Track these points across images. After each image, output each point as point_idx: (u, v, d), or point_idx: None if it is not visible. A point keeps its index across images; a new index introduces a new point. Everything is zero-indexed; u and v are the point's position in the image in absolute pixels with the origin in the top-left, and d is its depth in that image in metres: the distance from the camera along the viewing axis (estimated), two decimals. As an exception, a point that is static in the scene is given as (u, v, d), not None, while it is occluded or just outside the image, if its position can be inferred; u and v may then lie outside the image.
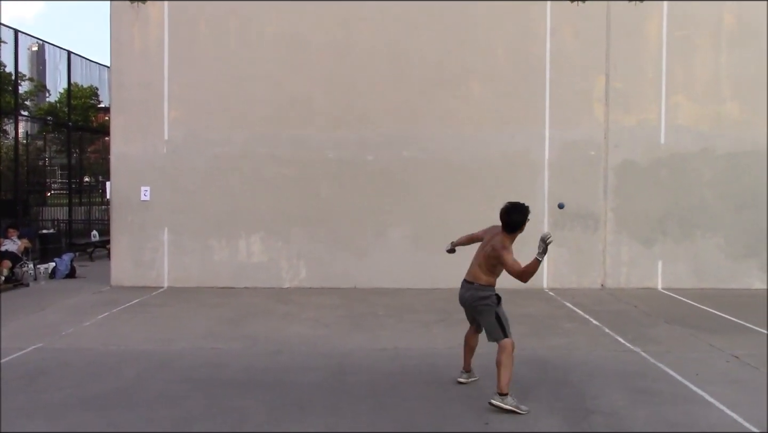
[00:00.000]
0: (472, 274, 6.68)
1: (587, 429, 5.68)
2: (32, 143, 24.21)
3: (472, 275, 6.67)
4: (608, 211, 13.29)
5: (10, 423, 5.78)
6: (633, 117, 13.27)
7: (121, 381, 7.06)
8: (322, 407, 6.23)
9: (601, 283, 13.28)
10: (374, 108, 13.33)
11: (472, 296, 6.62)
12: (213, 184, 13.40)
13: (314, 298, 12.11)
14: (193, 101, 13.44)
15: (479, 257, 6.74)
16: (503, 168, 13.18)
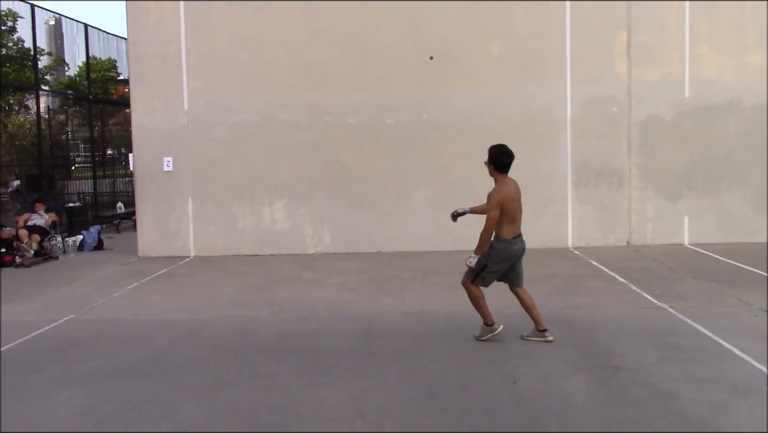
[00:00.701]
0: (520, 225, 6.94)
1: (615, 386, 5.69)
2: (54, 118, 24.40)
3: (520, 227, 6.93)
4: (632, 168, 13.15)
5: (47, 393, 5.91)
6: (656, 71, 13.04)
7: (152, 350, 7.17)
8: (350, 371, 6.29)
9: (627, 240, 13.20)
10: (392, 71, 13.23)
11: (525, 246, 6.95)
12: (234, 152, 13.43)
13: (339, 263, 12.17)
14: (212, 70, 13.42)
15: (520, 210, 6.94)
16: (524, 127, 13.05)
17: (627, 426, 4.90)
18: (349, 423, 5.11)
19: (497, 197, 6.71)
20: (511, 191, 6.79)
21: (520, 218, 6.86)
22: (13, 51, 25.39)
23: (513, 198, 6.76)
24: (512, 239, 6.77)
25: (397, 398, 5.58)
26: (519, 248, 6.85)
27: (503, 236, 6.76)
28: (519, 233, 6.84)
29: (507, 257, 6.80)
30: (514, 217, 6.76)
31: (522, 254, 6.92)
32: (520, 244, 6.85)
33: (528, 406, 5.32)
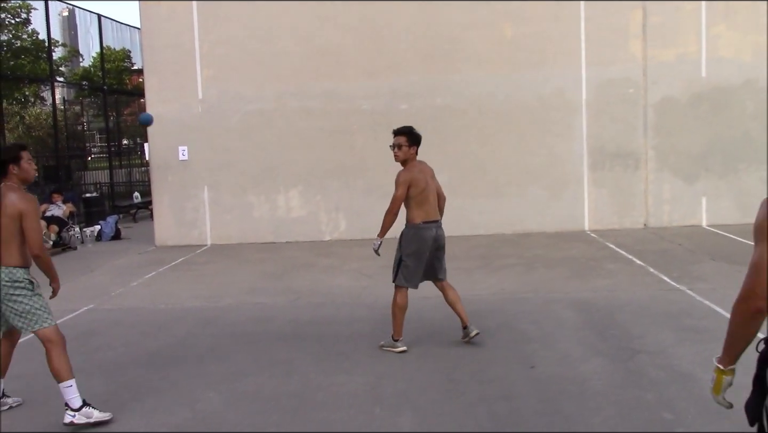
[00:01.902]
0: (437, 212, 6.51)
1: (634, 369, 5.68)
2: (69, 109, 24.55)
3: (436, 214, 6.50)
4: (649, 150, 13.05)
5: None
6: (672, 51, 12.90)
7: (170, 338, 7.23)
8: (368, 357, 6.32)
9: (644, 222, 13.12)
10: (405, 56, 13.18)
11: (443, 235, 6.52)
12: (248, 140, 13.45)
13: (355, 249, 12.18)
14: (225, 59, 13.43)
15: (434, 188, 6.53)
16: (539, 110, 12.98)
17: (646, 409, 4.89)
18: (368, 408, 5.14)
19: (402, 177, 6.37)
20: (418, 173, 6.39)
21: (433, 203, 6.40)
22: (27, 43, 25.54)
23: (419, 180, 6.35)
24: (422, 224, 6.33)
25: (415, 384, 5.60)
26: (432, 235, 6.33)
27: (412, 220, 6.37)
28: (433, 219, 6.37)
29: (418, 245, 6.31)
30: (421, 200, 6.33)
31: (440, 242, 6.42)
32: (434, 230, 6.34)
33: (546, 390, 5.32)
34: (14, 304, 4.94)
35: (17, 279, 4.94)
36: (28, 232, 4.88)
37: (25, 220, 4.86)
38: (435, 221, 6.41)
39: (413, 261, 6.36)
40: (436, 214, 6.43)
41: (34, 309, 4.97)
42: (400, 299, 6.45)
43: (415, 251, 6.35)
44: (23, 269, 4.99)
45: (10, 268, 4.92)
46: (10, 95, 24.05)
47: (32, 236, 4.89)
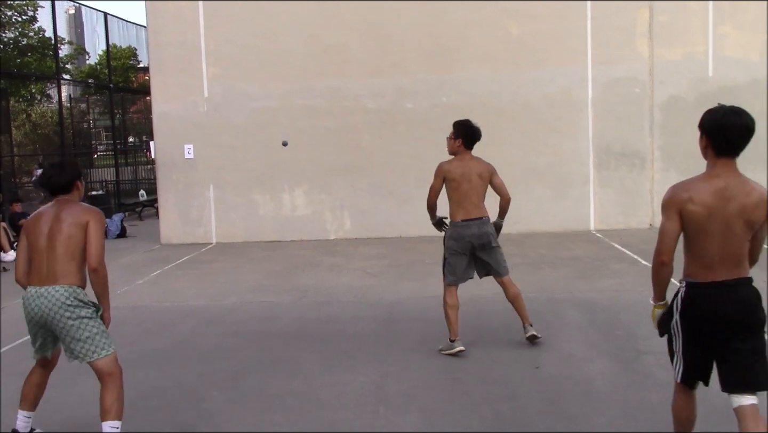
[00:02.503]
0: (482, 209, 6.34)
1: (639, 370, 5.67)
2: (76, 106, 24.59)
3: (482, 211, 6.34)
4: (655, 150, 13.02)
5: (74, 380, 5.98)
6: (678, 51, 12.87)
7: (176, 336, 7.24)
8: (373, 356, 6.32)
9: (650, 223, 13.09)
10: (410, 54, 13.17)
11: (493, 232, 6.38)
12: (254, 138, 13.46)
13: (360, 248, 12.19)
14: (230, 57, 13.44)
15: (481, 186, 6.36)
16: (544, 109, 12.96)
17: (651, 410, 4.88)
18: (372, 408, 5.14)
19: (438, 168, 6.32)
20: (457, 167, 6.27)
21: (475, 200, 6.25)
22: (34, 40, 25.60)
23: (455, 173, 6.23)
24: (461, 222, 6.22)
25: (419, 383, 5.60)
26: (472, 233, 6.18)
27: (452, 217, 6.30)
28: (473, 217, 6.21)
29: (456, 243, 6.22)
30: (460, 198, 6.22)
31: (484, 240, 6.23)
32: (474, 228, 6.18)
33: (551, 390, 5.32)
34: (75, 329, 4.38)
35: (81, 300, 4.42)
36: (91, 242, 4.41)
37: (90, 229, 4.41)
38: (477, 218, 6.23)
39: (453, 258, 6.27)
40: (478, 211, 6.24)
41: (97, 334, 4.46)
42: (449, 298, 6.30)
43: (454, 248, 6.26)
44: (83, 290, 4.49)
45: (74, 287, 4.42)
46: (16, 93, 24.13)
47: (95, 247, 4.43)
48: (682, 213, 3.54)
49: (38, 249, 4.43)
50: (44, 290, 4.36)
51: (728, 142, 3.54)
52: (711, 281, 3.52)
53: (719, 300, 3.49)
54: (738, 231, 3.48)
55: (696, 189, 3.55)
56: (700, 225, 3.51)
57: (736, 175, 3.54)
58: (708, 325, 3.52)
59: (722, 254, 3.50)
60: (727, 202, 3.47)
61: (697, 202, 3.49)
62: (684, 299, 3.61)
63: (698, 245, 3.55)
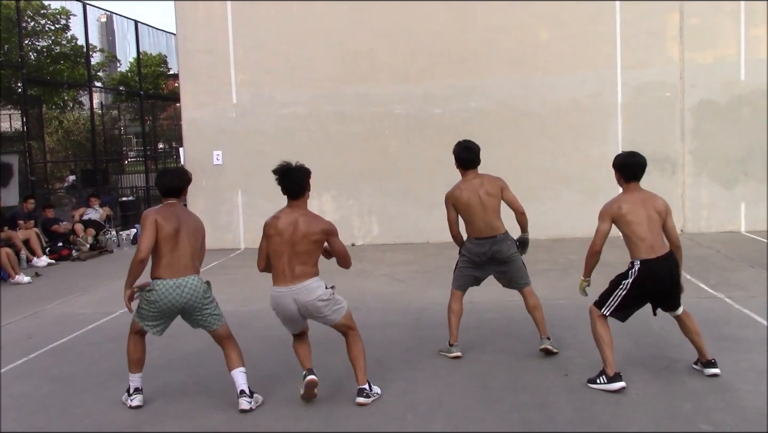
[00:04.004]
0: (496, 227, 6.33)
1: (670, 378, 5.58)
2: (107, 113, 24.89)
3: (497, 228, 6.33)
4: (686, 154, 12.85)
5: (105, 384, 6.04)
6: (710, 54, 12.69)
7: (204, 342, 7.23)
8: (401, 363, 6.30)
9: (681, 228, 12.90)
10: (439, 60, 13.15)
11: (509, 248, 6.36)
12: (282, 144, 13.51)
13: (388, 254, 12.17)
14: (259, 64, 13.52)
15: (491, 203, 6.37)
16: (574, 114, 12.85)
17: (683, 420, 4.80)
18: (400, 415, 5.12)
19: (446, 199, 6.45)
20: (466, 190, 6.34)
21: (484, 218, 6.27)
22: (66, 49, 25.96)
23: (466, 199, 6.30)
24: (475, 240, 6.29)
25: (448, 390, 5.57)
26: (484, 252, 6.25)
27: (468, 235, 6.40)
28: (488, 235, 6.24)
29: (470, 259, 6.35)
30: (470, 218, 6.29)
31: (500, 257, 6.27)
32: (487, 247, 6.23)
33: (581, 398, 5.26)
34: (210, 307, 5.49)
35: (207, 287, 5.50)
36: (203, 248, 5.62)
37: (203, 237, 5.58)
38: (491, 237, 6.26)
39: (464, 268, 6.47)
40: (491, 230, 6.27)
41: (219, 309, 5.61)
42: (453, 303, 6.47)
43: (466, 260, 6.44)
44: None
45: (200, 277, 5.46)
46: (49, 100, 24.48)
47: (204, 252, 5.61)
48: (615, 218, 5.51)
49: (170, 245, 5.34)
50: (182, 281, 5.29)
51: (632, 173, 5.68)
52: (656, 257, 5.40)
53: (663, 267, 5.42)
54: (656, 222, 5.47)
55: (624, 200, 5.57)
56: (634, 222, 5.42)
57: (643, 191, 5.66)
58: (658, 285, 5.44)
59: (652, 238, 5.41)
60: (644, 205, 5.50)
61: (627, 209, 5.48)
62: (639, 273, 5.39)
63: (638, 235, 5.42)
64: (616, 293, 5.48)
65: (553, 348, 6.28)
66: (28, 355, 7.06)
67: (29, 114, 16.45)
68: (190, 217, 5.54)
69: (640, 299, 5.50)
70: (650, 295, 5.50)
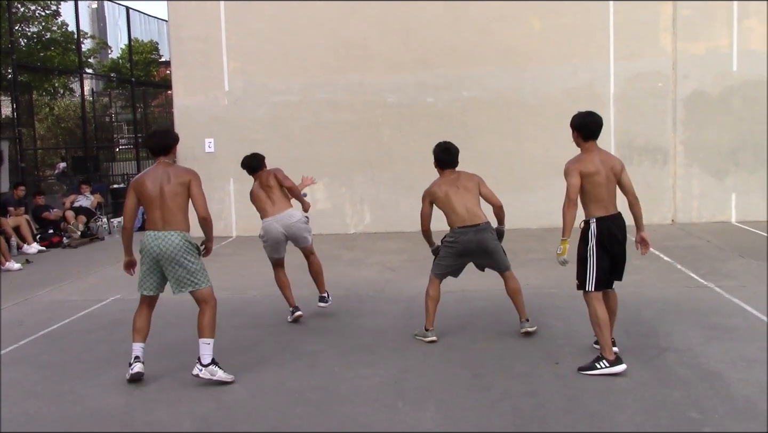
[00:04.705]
0: (478, 215, 6.52)
1: (660, 367, 5.61)
2: (98, 100, 24.76)
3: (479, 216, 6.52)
4: (678, 145, 12.89)
5: (96, 371, 6.03)
6: (702, 45, 12.72)
7: (195, 329, 7.26)
8: (392, 350, 6.32)
9: (672, 218, 12.98)
10: (431, 49, 13.13)
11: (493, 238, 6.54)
12: (274, 133, 13.48)
13: (379, 243, 12.18)
14: (251, 52, 13.47)
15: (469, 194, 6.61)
16: (566, 104, 12.80)
17: (672, 408, 4.83)
18: (391, 402, 5.13)
19: (424, 194, 6.70)
20: (436, 188, 6.61)
21: (461, 209, 6.46)
22: (57, 35, 25.77)
23: (435, 194, 6.57)
24: (458, 228, 6.44)
25: (438, 378, 5.59)
26: (469, 240, 6.41)
27: (450, 225, 6.55)
28: (470, 223, 6.42)
29: (453, 249, 6.50)
30: (449, 209, 6.49)
31: (483, 245, 6.45)
32: (470, 235, 6.40)
33: (571, 386, 5.28)
34: (187, 264, 5.58)
35: (191, 243, 5.62)
36: (197, 197, 5.66)
37: (193, 186, 5.65)
38: (474, 225, 6.43)
39: (446, 257, 6.59)
40: (473, 217, 6.46)
41: (201, 269, 5.68)
42: (431, 289, 6.65)
43: (448, 248, 6.55)
44: (188, 234, 5.68)
45: (184, 233, 5.61)
46: (39, 87, 24.30)
47: (202, 200, 5.68)
48: (581, 175, 5.51)
49: (153, 202, 5.59)
50: (162, 234, 5.56)
51: (590, 131, 5.66)
52: (609, 215, 5.59)
53: (615, 225, 5.60)
54: (612, 183, 5.61)
55: (585, 160, 5.61)
56: (596, 183, 5.53)
57: (601, 150, 5.70)
58: (613, 242, 5.56)
59: (608, 198, 5.59)
60: (604, 165, 5.57)
61: (591, 167, 5.54)
62: (598, 230, 5.55)
63: (597, 195, 5.56)
64: (589, 263, 5.54)
65: (531, 329, 6.49)
66: (19, 342, 7.04)
67: (19, 100, 16.34)
68: (176, 174, 5.66)
69: (608, 260, 5.57)
70: (611, 251, 5.58)
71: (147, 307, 5.93)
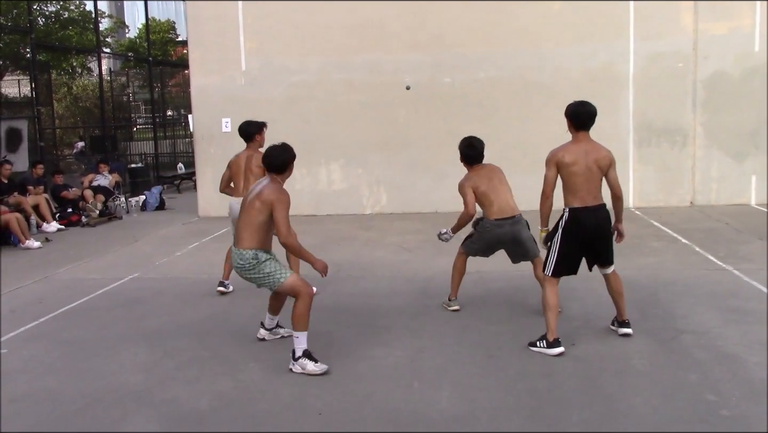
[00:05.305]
0: (513, 207, 6.67)
1: (677, 349, 5.60)
2: (115, 80, 24.84)
3: (514, 209, 6.67)
4: (697, 126, 12.76)
5: (115, 349, 6.10)
6: (724, 25, 12.53)
7: (213, 308, 7.33)
8: (407, 331, 6.33)
9: (690, 200, 12.87)
10: (449, 29, 13.02)
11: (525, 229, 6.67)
12: (291, 112, 13.46)
13: (396, 223, 12.19)
14: (268, 31, 13.43)
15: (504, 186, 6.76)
16: (584, 85, 12.72)
17: (689, 390, 4.82)
18: (407, 382, 5.16)
19: (459, 186, 6.77)
20: (476, 179, 6.69)
21: (500, 201, 6.59)
22: (75, 14, 25.85)
23: (477, 185, 6.65)
24: (494, 221, 6.57)
25: (454, 358, 5.60)
26: (503, 232, 6.56)
27: (487, 217, 6.64)
28: (507, 216, 6.55)
29: (487, 238, 6.65)
30: (487, 202, 6.59)
31: (517, 236, 6.58)
32: (507, 228, 6.54)
33: (587, 367, 5.28)
34: (256, 277, 5.66)
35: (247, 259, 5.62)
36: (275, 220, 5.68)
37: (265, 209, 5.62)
38: (510, 217, 6.57)
39: (478, 241, 6.77)
40: (510, 210, 6.61)
41: (271, 277, 5.63)
42: (458, 262, 6.92)
43: (482, 241, 6.74)
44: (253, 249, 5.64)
45: (243, 251, 5.61)
46: (58, 66, 24.44)
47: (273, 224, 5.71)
48: (559, 165, 5.60)
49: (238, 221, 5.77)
50: (234, 251, 5.64)
51: (581, 122, 5.69)
52: (584, 206, 5.58)
53: (590, 217, 5.59)
54: (594, 174, 5.59)
55: (568, 150, 5.64)
56: (573, 173, 5.56)
57: (591, 141, 5.70)
58: (584, 233, 5.59)
59: (586, 189, 5.57)
60: (586, 156, 5.57)
61: (568, 157, 5.57)
62: (567, 219, 5.61)
63: (573, 185, 5.58)
64: (552, 249, 5.69)
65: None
66: (39, 319, 7.12)
67: (38, 80, 16.40)
68: (260, 192, 5.61)
69: (575, 249, 5.66)
70: (581, 243, 5.64)
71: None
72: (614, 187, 5.72)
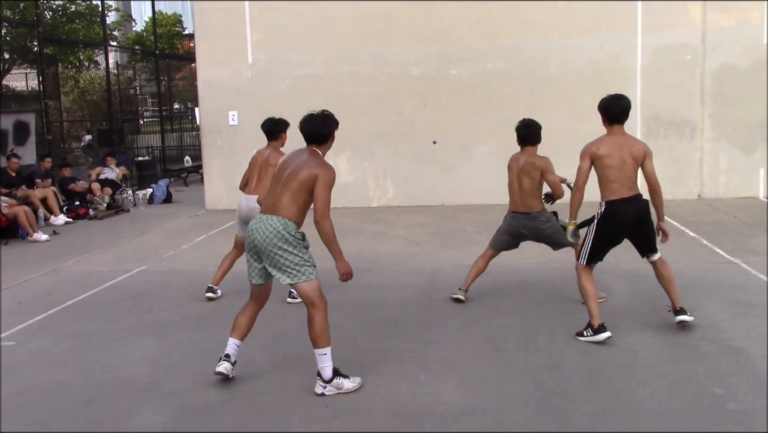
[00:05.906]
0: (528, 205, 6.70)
1: (684, 342, 5.59)
2: (122, 73, 24.87)
3: (529, 206, 6.70)
4: (705, 118, 12.69)
5: (122, 341, 6.12)
6: (732, 17, 12.45)
7: (220, 300, 7.35)
8: (414, 323, 6.34)
9: (698, 193, 12.82)
10: (456, 20, 12.98)
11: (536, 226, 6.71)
12: (298, 105, 13.30)
13: (402, 216, 12.18)
14: (274, 24, 13.42)
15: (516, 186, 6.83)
16: (592, 77, 12.68)
17: (696, 383, 4.81)
18: (413, 375, 5.16)
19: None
20: (512, 164, 6.99)
21: (514, 193, 6.79)
22: (82, 7, 25.87)
23: (513, 170, 6.91)
24: (512, 213, 6.81)
25: (460, 351, 5.60)
26: (520, 224, 6.73)
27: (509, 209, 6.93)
28: (520, 211, 6.69)
29: (507, 226, 6.84)
30: (510, 191, 6.83)
31: (536, 233, 6.70)
32: (521, 221, 6.70)
33: (594, 360, 5.28)
34: (284, 255, 4.87)
35: (291, 232, 4.89)
36: (317, 196, 5.01)
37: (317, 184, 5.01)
38: (525, 212, 6.66)
39: (501, 234, 6.91)
40: (522, 206, 6.68)
41: (302, 269, 4.96)
42: (481, 259, 7.00)
43: (504, 227, 6.88)
44: (296, 224, 4.97)
45: (286, 220, 4.88)
46: (65, 59, 24.48)
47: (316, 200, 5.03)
48: (594, 158, 5.66)
49: (275, 183, 5.02)
50: (266, 217, 4.87)
51: (615, 115, 5.73)
52: (620, 198, 5.63)
53: (627, 208, 5.66)
54: (629, 166, 5.65)
55: (603, 143, 5.71)
56: (608, 165, 5.61)
57: (624, 135, 5.75)
58: (621, 224, 5.67)
59: (621, 181, 5.63)
60: (621, 148, 5.64)
61: (603, 150, 5.64)
62: (604, 212, 5.67)
63: (608, 177, 5.63)
64: (586, 239, 5.75)
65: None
66: (47, 311, 7.16)
67: (45, 73, 16.43)
68: (306, 163, 5.02)
69: (609, 240, 5.73)
70: (618, 234, 5.73)
71: (254, 302, 5.33)
72: (650, 179, 5.75)
